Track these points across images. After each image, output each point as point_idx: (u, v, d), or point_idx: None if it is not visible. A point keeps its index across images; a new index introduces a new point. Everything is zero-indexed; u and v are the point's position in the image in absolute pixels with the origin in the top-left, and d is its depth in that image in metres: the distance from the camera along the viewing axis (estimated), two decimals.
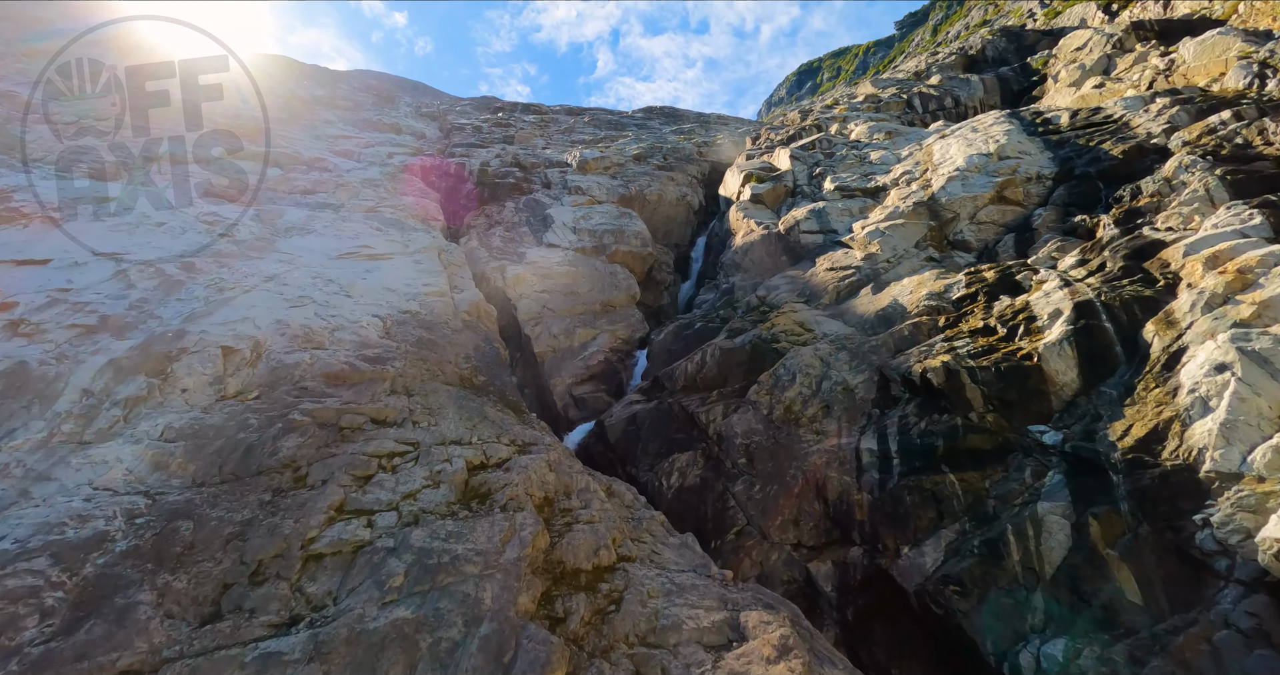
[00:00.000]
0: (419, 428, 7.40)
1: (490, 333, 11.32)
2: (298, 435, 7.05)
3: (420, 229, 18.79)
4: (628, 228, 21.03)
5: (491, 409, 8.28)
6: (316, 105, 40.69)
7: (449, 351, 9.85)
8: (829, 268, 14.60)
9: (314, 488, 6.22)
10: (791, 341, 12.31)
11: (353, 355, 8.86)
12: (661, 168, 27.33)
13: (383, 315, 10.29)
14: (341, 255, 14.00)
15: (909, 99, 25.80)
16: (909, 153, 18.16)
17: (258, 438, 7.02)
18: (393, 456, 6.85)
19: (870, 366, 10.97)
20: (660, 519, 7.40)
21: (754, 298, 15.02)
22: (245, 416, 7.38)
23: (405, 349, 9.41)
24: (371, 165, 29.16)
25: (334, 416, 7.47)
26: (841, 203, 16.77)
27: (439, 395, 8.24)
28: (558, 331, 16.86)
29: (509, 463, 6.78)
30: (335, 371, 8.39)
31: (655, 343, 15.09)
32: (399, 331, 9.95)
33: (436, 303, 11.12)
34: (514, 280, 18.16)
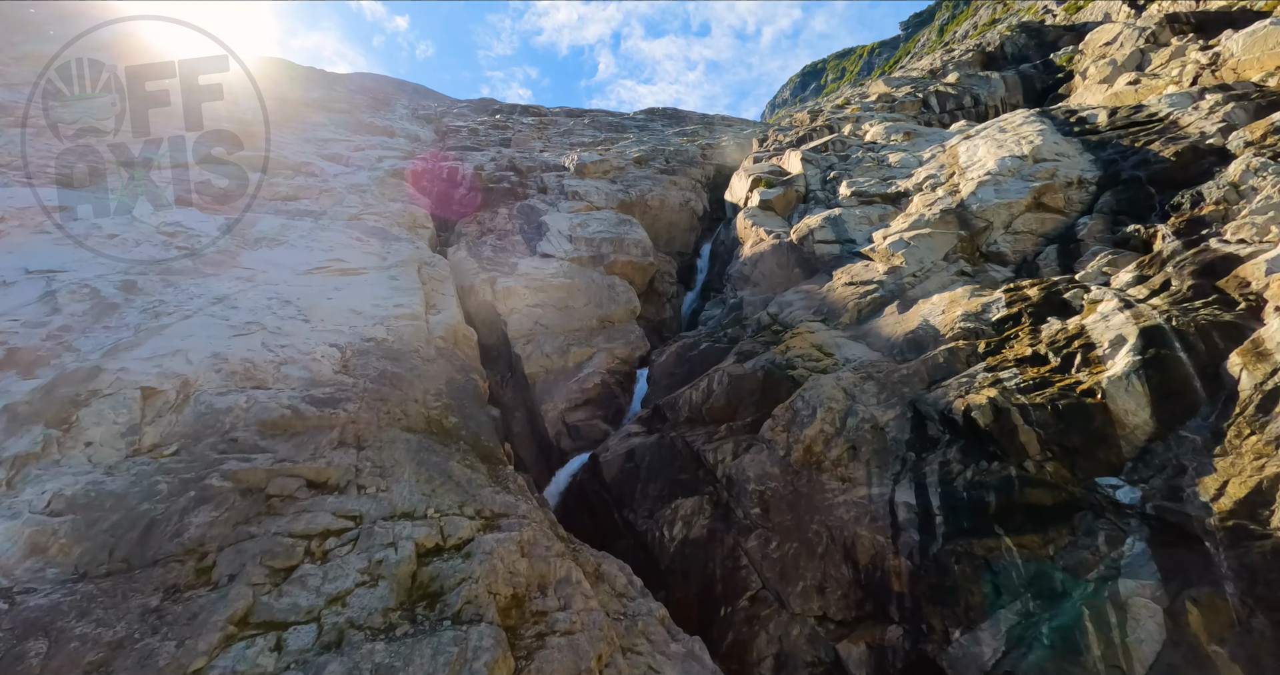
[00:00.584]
0: (365, 495, 6.04)
1: (468, 361, 9.97)
2: (212, 507, 5.70)
3: (404, 239, 17.51)
4: (627, 236, 19.69)
5: (459, 464, 6.92)
6: (309, 108, 39.55)
7: (416, 387, 8.50)
8: (848, 282, 13.21)
9: (218, 586, 4.88)
10: (809, 368, 10.92)
11: (298, 396, 7.51)
12: (664, 171, 26.01)
13: (342, 344, 8.96)
14: (310, 270, 12.70)
15: (925, 98, 24.42)
16: (931, 155, 16.78)
17: (163, 510, 5.69)
18: (326, 537, 5.49)
19: (902, 400, 9.57)
20: (661, 615, 6.04)
21: (765, 315, 13.64)
22: (155, 480, 6.05)
23: (363, 386, 8.06)
24: (360, 170, 27.96)
25: (262, 479, 6.12)
26: (859, 209, 15.39)
27: (396, 448, 6.88)
28: (551, 350, 15.51)
29: (471, 545, 5.42)
30: (274, 418, 7.05)
31: (657, 365, 13.72)
32: (359, 364, 8.60)
33: (407, 327, 9.78)
34: (504, 294, 16.84)
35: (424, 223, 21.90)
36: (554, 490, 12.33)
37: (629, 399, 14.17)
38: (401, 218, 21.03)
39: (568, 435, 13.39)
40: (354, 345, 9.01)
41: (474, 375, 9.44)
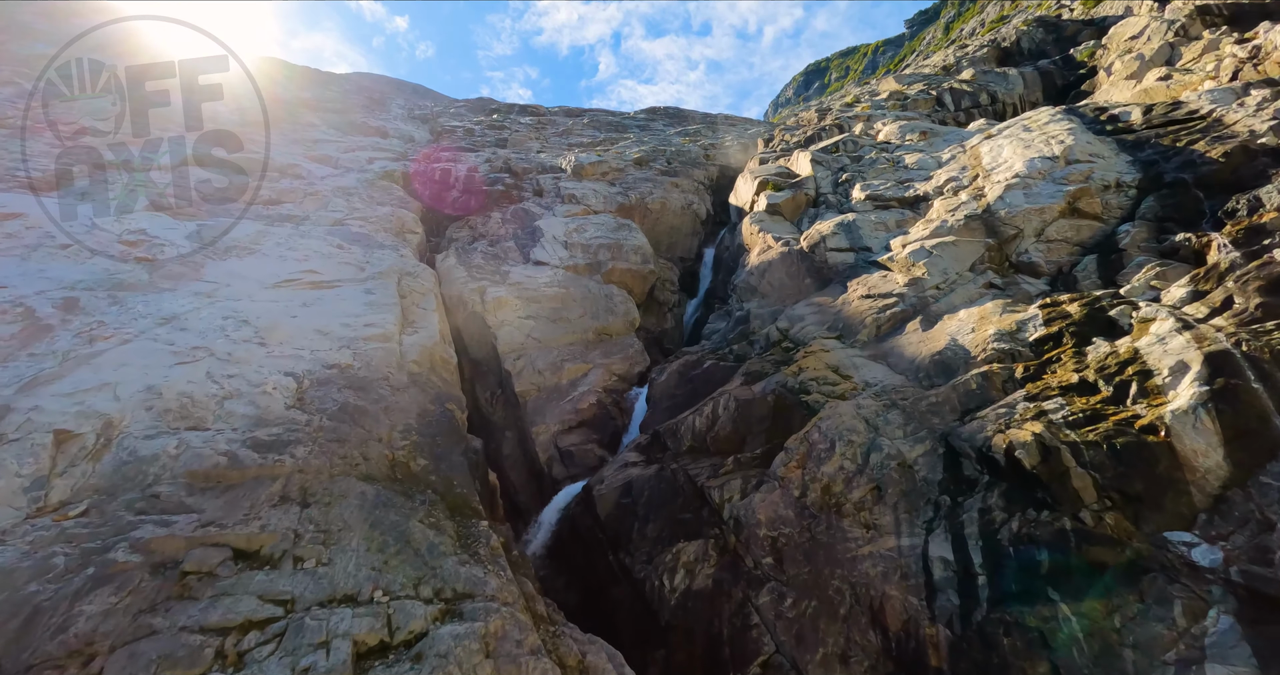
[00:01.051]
0: (302, 570, 5.01)
1: (444, 388, 8.93)
2: (112, 590, 4.68)
3: (388, 246, 16.51)
4: (626, 241, 18.64)
5: (421, 523, 5.88)
6: (300, 108, 38.58)
7: (382, 422, 7.46)
8: (865, 295, 12.14)
9: None
10: (825, 393, 9.86)
11: (240, 439, 6.48)
12: (665, 173, 24.96)
13: (300, 373, 7.92)
14: (279, 283, 11.69)
15: (939, 96, 23.31)
16: (951, 155, 15.69)
17: (53, 594, 4.67)
18: (246, 630, 4.46)
19: (932, 433, 8.50)
20: None
21: (774, 330, 12.57)
22: (52, 551, 5.03)
23: (319, 424, 7.03)
24: (349, 172, 26.99)
25: (180, 549, 5.10)
26: (875, 215, 14.31)
27: (347, 504, 5.85)
28: (543, 366, 14.48)
29: (424, 643, 4.39)
30: (206, 468, 6.02)
31: (657, 384, 12.67)
32: (317, 397, 7.57)
33: (377, 351, 8.75)
34: (494, 304, 15.81)
35: (413, 228, 20.92)
36: (545, 522, 11.31)
37: (626, 421, 13.13)
38: (388, 223, 20.06)
39: (560, 461, 12.35)
40: (314, 374, 7.97)
41: (450, 406, 8.40)
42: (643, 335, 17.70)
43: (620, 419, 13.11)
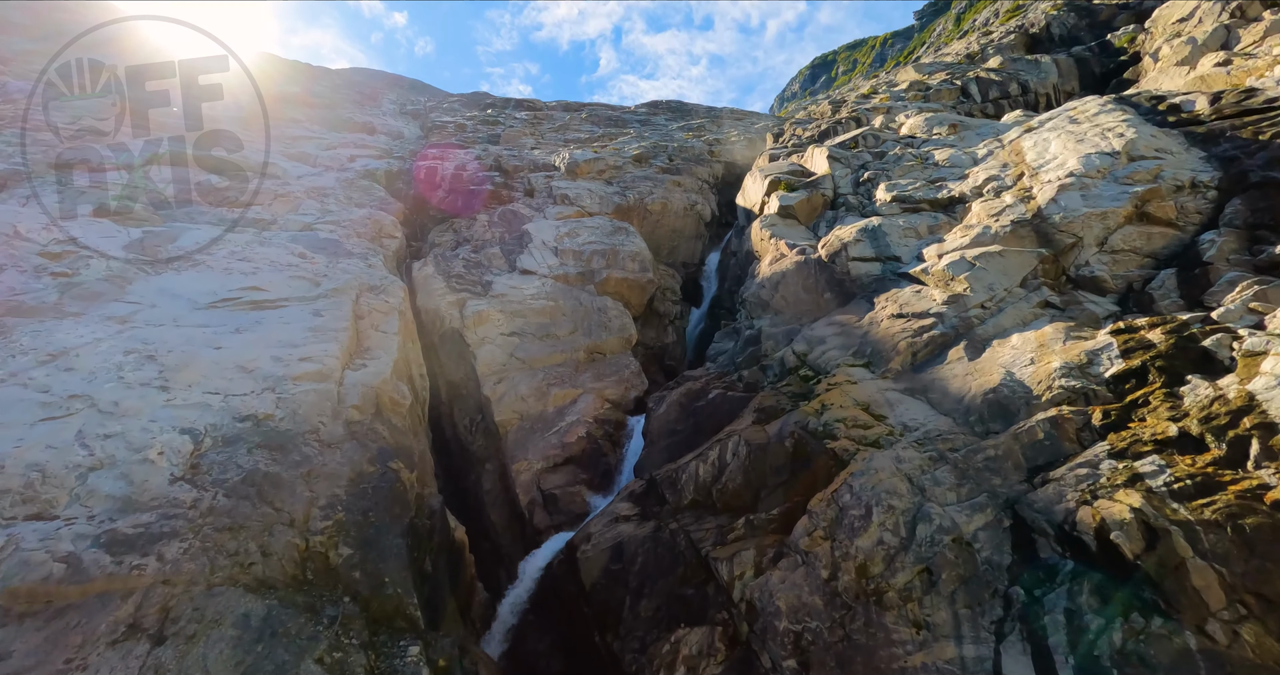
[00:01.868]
0: None
1: (392, 440, 7.29)
2: None
3: (358, 254, 14.90)
4: (623, 247, 16.97)
5: (319, 665, 4.25)
6: (286, 103, 36.95)
7: (297, 497, 5.84)
8: (896, 313, 10.44)
9: None
10: (855, 437, 8.18)
11: (94, 533, 4.87)
12: (666, 171, 23.24)
13: (201, 428, 6.30)
14: (215, 303, 10.09)
15: (964, 86, 21.49)
16: (987, 151, 13.93)
17: None
18: None
19: (994, 498, 6.82)
20: None
21: (790, 353, 10.89)
22: None
23: (210, 505, 5.41)
24: (328, 171, 25.35)
25: None
26: (903, 219, 12.59)
27: (219, 634, 4.24)
28: (527, 391, 12.85)
29: None
30: (32, 582, 4.42)
31: (655, 417, 11.01)
32: (217, 461, 5.95)
33: (308, 395, 7.12)
34: (474, 319, 14.19)
35: (391, 232, 19.34)
36: (527, 575, 9.71)
37: (619, 457, 11.49)
38: (363, 227, 18.45)
39: (543, 506, 10.73)
40: (220, 429, 6.34)
41: (395, 465, 6.76)
42: (641, 351, 16.06)
43: (612, 455, 11.48)
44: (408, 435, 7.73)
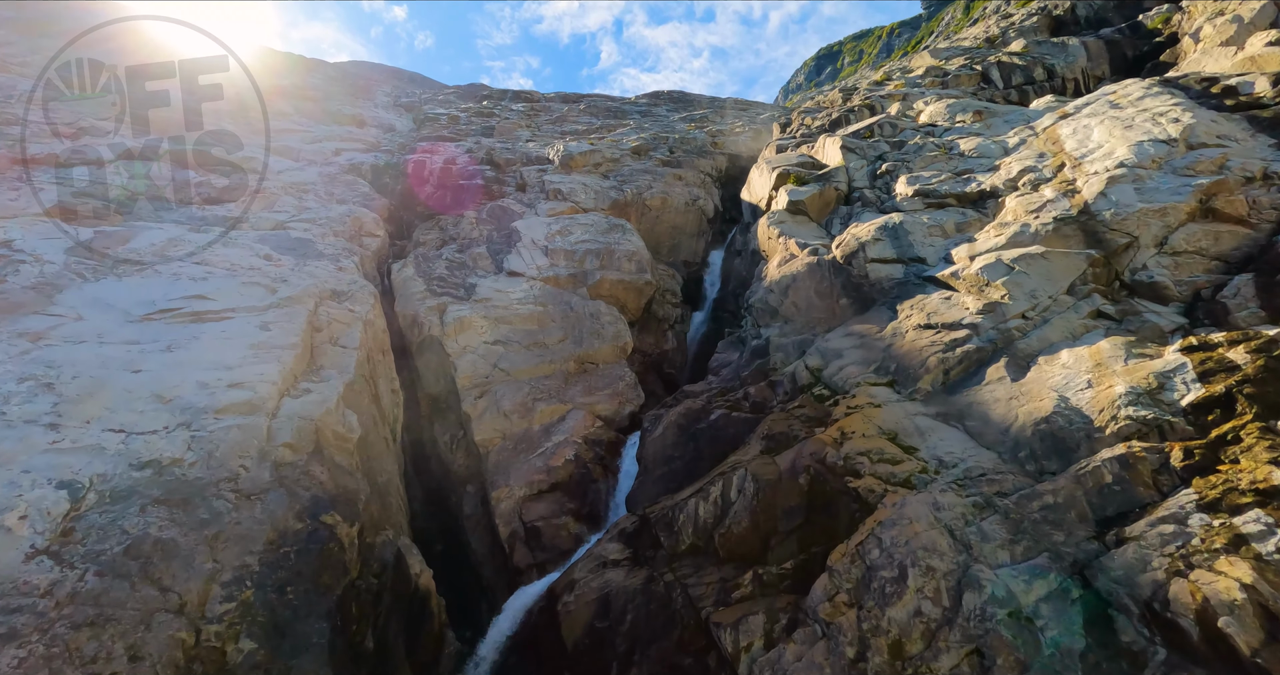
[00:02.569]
0: None
1: (334, 485, 6.11)
2: None
3: (329, 255, 13.74)
4: (619, 246, 15.72)
5: None
6: (277, 96, 35.72)
7: (195, 570, 4.68)
8: (923, 324, 9.19)
9: None
10: (882, 475, 6.97)
11: None
12: (667, 163, 21.94)
13: (86, 479, 5.13)
14: (151, 314, 8.93)
15: (984, 71, 20.08)
16: (1019, 140, 12.60)
17: None
18: None
19: (1057, 560, 5.59)
20: None
21: (802, 368, 9.66)
22: None
23: (71, 590, 4.25)
24: (310, 165, 24.18)
25: None
26: (927, 215, 11.31)
27: None
28: (510, 406, 11.68)
29: None
30: None
31: (650, 440, 9.81)
32: (98, 525, 4.78)
33: (230, 431, 5.94)
34: (455, 326, 13.00)
35: (372, 230, 18.16)
36: (504, 623, 8.58)
37: (611, 484, 10.31)
38: (341, 225, 17.27)
39: (524, 542, 9.57)
40: (110, 479, 5.17)
41: (329, 519, 5.58)
42: (638, 359, 14.85)
43: (603, 482, 10.30)
44: (353, 475, 6.54)
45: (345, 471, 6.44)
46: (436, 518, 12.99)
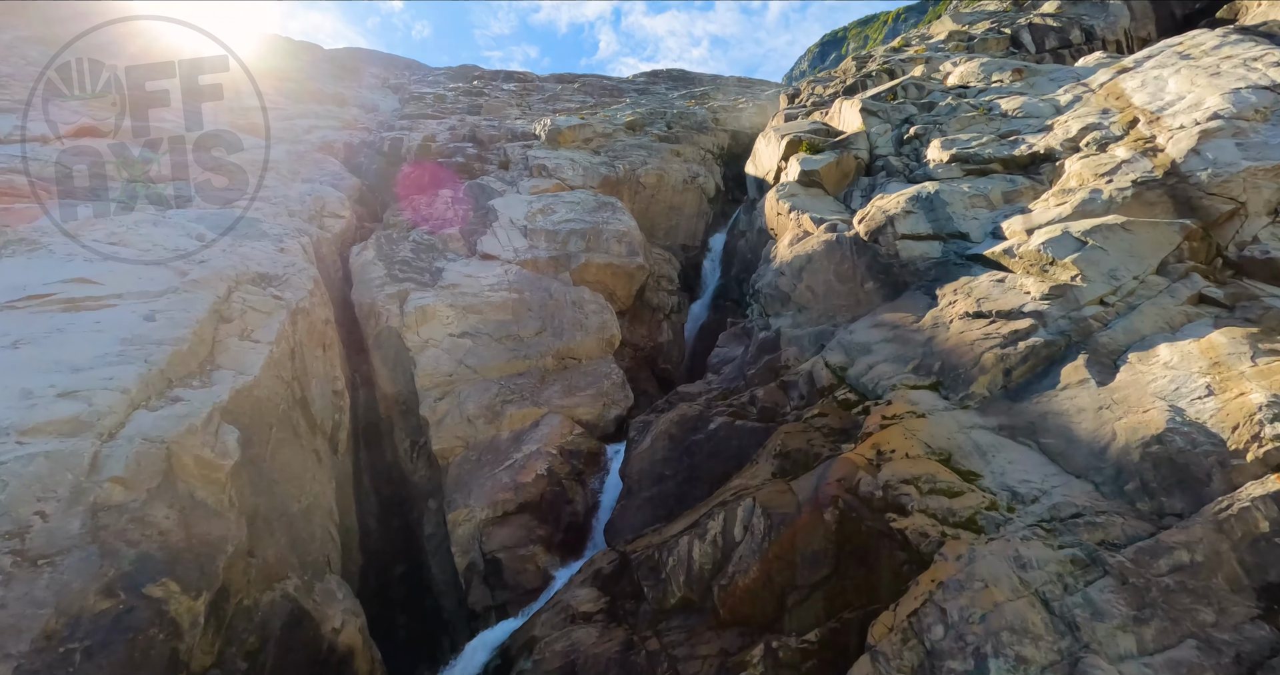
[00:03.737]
0: None
1: (184, 535, 4.40)
2: None
3: (272, 236, 12.08)
4: (608, 226, 13.93)
5: None
6: (257, 77, 33.73)
7: None
8: (971, 313, 7.42)
9: None
10: (937, 513, 5.22)
11: None
12: (664, 139, 20.07)
13: None
14: (14, 301, 7.21)
15: (1014, 34, 18.13)
16: (1073, 97, 10.74)
17: None
18: None
19: (1210, 653, 3.86)
20: None
21: (822, 366, 7.90)
22: None
23: None
24: (278, 143, 22.34)
25: None
26: (967, 183, 9.51)
27: None
28: (476, 409, 9.97)
29: None
30: None
31: (637, 453, 8.07)
32: None
33: (30, 460, 4.24)
34: (417, 317, 11.27)
35: (337, 210, 16.43)
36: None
37: (590, 504, 8.60)
38: (299, 205, 15.60)
39: (483, 579, 7.88)
40: None
41: (155, 591, 3.79)
42: (628, 354, 13.12)
43: (580, 501, 8.58)
44: (222, 516, 4.83)
45: (209, 512, 4.74)
46: (397, 535, 11.35)
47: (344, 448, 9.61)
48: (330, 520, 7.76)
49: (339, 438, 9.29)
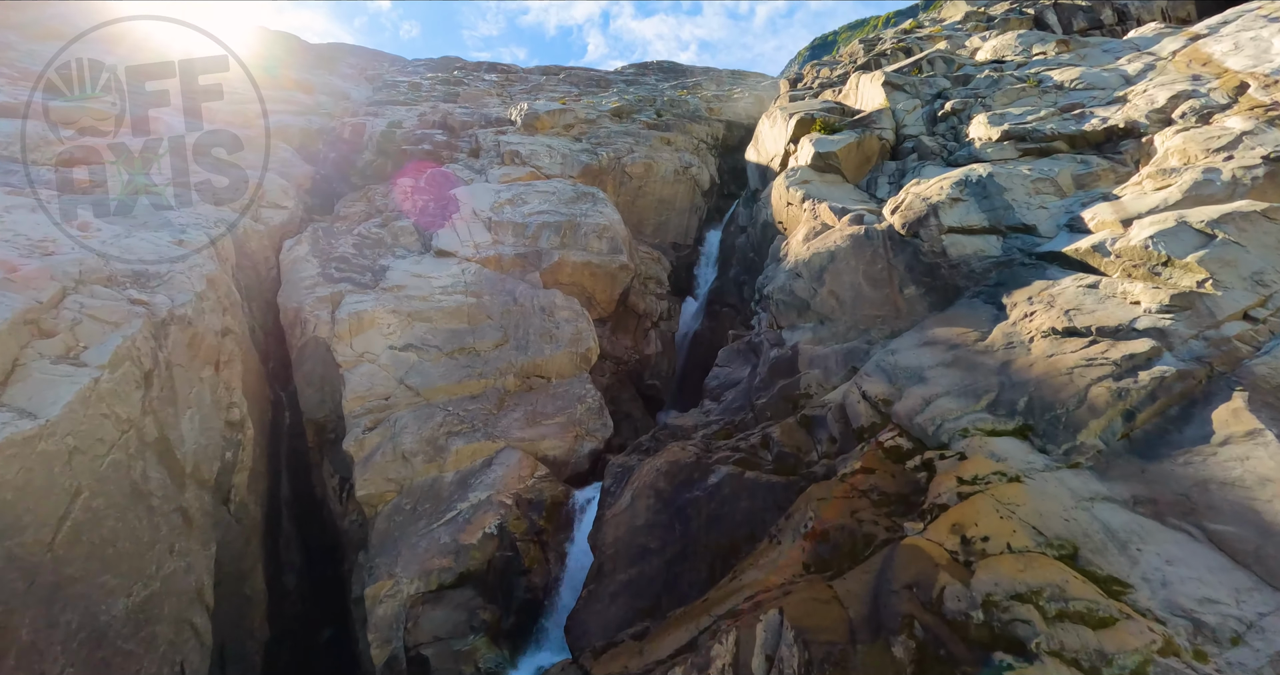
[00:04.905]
0: None
1: None
2: None
3: (175, 227, 9.99)
4: (586, 219, 11.94)
5: None
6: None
7: None
8: (1060, 328, 5.53)
9: None
10: (1079, 655, 3.29)
11: None
12: (653, 126, 18.13)
13: None
14: None
15: (1038, 14, 16.43)
16: (1143, 65, 8.95)
17: None
18: None
19: None
20: None
21: (857, 398, 5.96)
22: None
23: None
24: (227, 126, 20.13)
25: None
26: (1027, 164, 7.66)
27: None
28: (414, 442, 7.93)
29: None
30: None
31: (612, 516, 6.05)
32: None
33: None
34: (351, 324, 9.22)
35: (279, 201, 14.39)
36: None
37: (553, 577, 6.57)
38: (231, 193, 13.51)
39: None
40: None
41: None
42: (609, 368, 11.12)
43: (540, 571, 6.56)
44: None
45: None
46: (326, 590, 9.29)
47: (243, 493, 7.54)
48: (196, 606, 5.70)
49: (232, 483, 7.22)
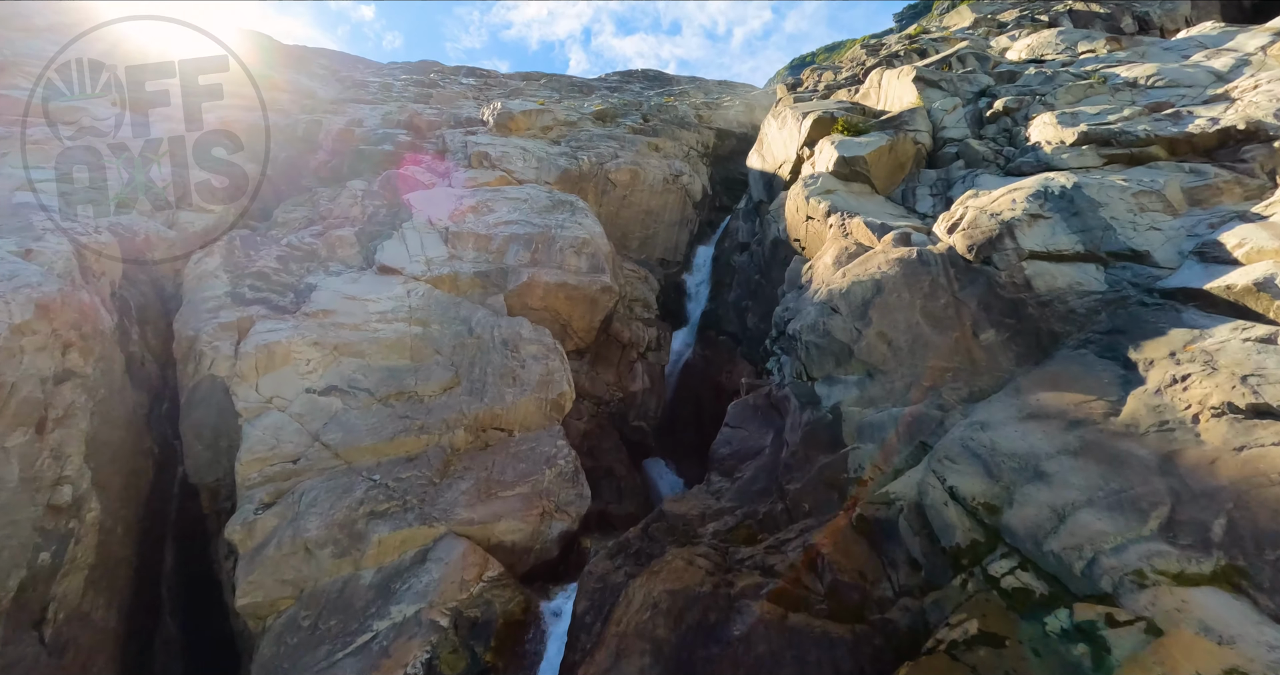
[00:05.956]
0: None
1: None
2: None
3: (29, 232, 7.88)
4: (563, 231, 10.08)
5: None
6: None
7: None
8: (1242, 406, 3.81)
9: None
10: None
11: None
12: (640, 131, 16.44)
13: None
14: None
15: (1053, 21, 15.26)
16: (1234, 60, 7.49)
17: None
18: None
19: None
20: None
21: (943, 498, 4.17)
22: None
23: None
24: (162, 122, 18.13)
25: None
26: (1121, 175, 6.06)
27: None
28: (322, 528, 5.90)
29: None
30: None
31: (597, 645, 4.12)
32: None
33: None
34: (259, 359, 7.20)
35: (205, 204, 12.45)
36: None
37: None
38: (142, 194, 11.57)
39: None
40: None
41: None
42: (587, 410, 9.19)
43: None
44: None
45: None
46: None
47: (75, 603, 5.42)
48: None
49: (51, 595, 5.10)
